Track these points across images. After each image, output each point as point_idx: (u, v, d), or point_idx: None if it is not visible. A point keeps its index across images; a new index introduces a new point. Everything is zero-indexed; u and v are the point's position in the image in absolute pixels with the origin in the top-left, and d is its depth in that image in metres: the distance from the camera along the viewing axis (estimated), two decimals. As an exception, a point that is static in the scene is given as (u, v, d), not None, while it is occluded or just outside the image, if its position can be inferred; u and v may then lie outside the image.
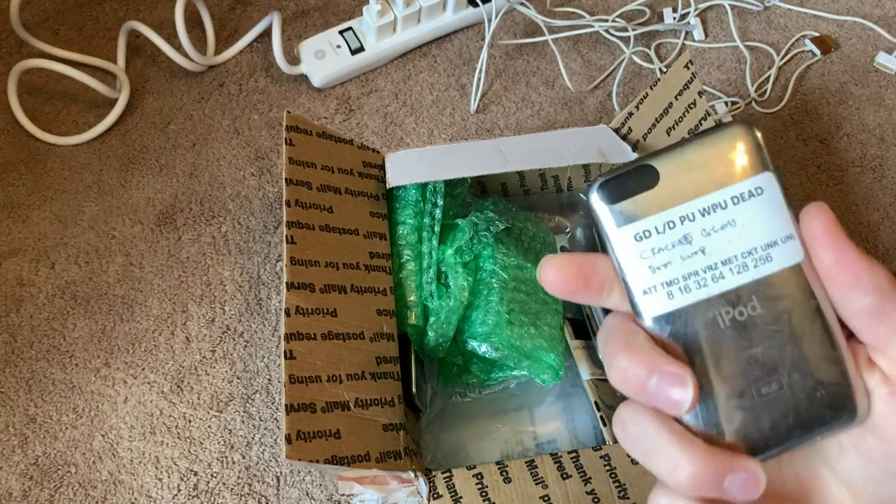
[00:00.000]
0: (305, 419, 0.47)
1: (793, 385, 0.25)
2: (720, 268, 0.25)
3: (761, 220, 0.25)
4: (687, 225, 0.25)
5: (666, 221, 0.25)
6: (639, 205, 0.26)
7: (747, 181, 0.25)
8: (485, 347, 0.58)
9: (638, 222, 0.25)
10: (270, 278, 0.70)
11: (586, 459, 0.51)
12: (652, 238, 0.25)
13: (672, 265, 0.25)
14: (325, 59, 0.79)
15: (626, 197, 0.26)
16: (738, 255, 0.25)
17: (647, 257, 0.25)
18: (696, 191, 0.25)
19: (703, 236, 0.25)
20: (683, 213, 0.25)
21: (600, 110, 0.80)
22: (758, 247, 0.25)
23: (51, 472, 0.61)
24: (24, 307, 0.68)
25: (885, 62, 0.83)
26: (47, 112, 0.78)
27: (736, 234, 0.25)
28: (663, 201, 0.25)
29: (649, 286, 0.26)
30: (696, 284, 0.25)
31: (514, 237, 0.65)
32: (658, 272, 0.25)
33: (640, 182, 0.26)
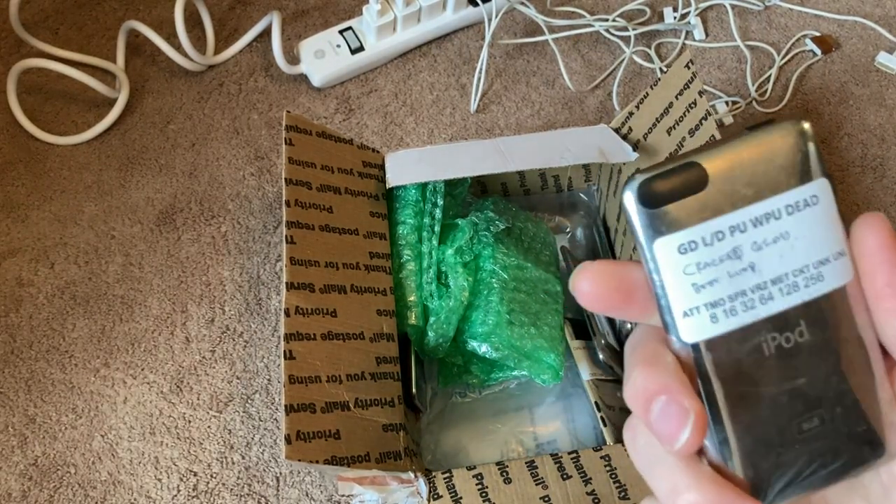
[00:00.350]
0: (305, 419, 0.47)
1: (835, 420, 0.23)
2: (769, 287, 0.22)
3: (816, 234, 0.22)
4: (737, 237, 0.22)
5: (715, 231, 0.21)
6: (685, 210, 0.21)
7: (803, 188, 0.22)
8: (485, 347, 0.58)
9: (683, 231, 0.21)
10: (270, 278, 0.69)
11: (587, 460, 0.50)
12: (698, 251, 0.22)
13: (719, 283, 0.22)
14: (325, 58, 0.79)
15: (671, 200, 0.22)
16: (788, 272, 0.22)
17: (692, 273, 0.22)
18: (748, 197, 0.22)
19: (754, 250, 0.22)
20: (734, 223, 0.21)
21: (600, 110, 0.80)
22: (810, 264, 0.22)
23: (50, 473, 0.61)
24: (23, 307, 0.68)
25: (885, 62, 0.83)
26: (47, 112, 0.78)
27: (788, 248, 0.22)
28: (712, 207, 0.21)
29: (691, 307, 0.22)
30: (742, 306, 0.22)
31: (515, 237, 0.65)
32: (703, 291, 0.22)
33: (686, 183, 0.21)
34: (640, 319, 0.24)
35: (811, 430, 0.23)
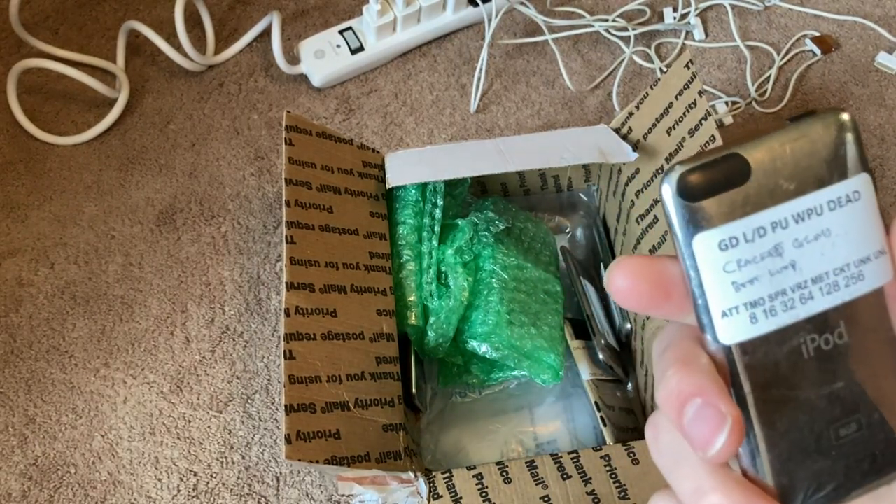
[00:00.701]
0: (305, 419, 0.47)
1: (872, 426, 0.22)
2: (810, 286, 0.21)
3: (857, 231, 0.21)
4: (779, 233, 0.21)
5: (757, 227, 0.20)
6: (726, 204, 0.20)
7: (845, 183, 0.21)
8: (485, 347, 0.58)
9: (725, 226, 0.20)
10: (270, 278, 0.70)
11: (587, 460, 0.50)
12: (739, 247, 0.21)
13: (759, 282, 0.21)
14: (325, 58, 0.79)
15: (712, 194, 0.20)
16: (829, 271, 0.21)
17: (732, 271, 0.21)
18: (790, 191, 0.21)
19: (795, 247, 0.21)
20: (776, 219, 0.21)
21: (600, 110, 0.80)
22: (851, 263, 0.21)
23: (50, 473, 0.61)
24: (23, 307, 0.68)
25: (885, 62, 0.83)
26: (47, 112, 0.78)
27: (830, 246, 0.21)
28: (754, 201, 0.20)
29: (731, 307, 0.21)
30: (782, 306, 0.21)
31: (515, 237, 0.65)
32: (743, 290, 0.21)
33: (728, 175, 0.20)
34: (676, 318, 0.23)
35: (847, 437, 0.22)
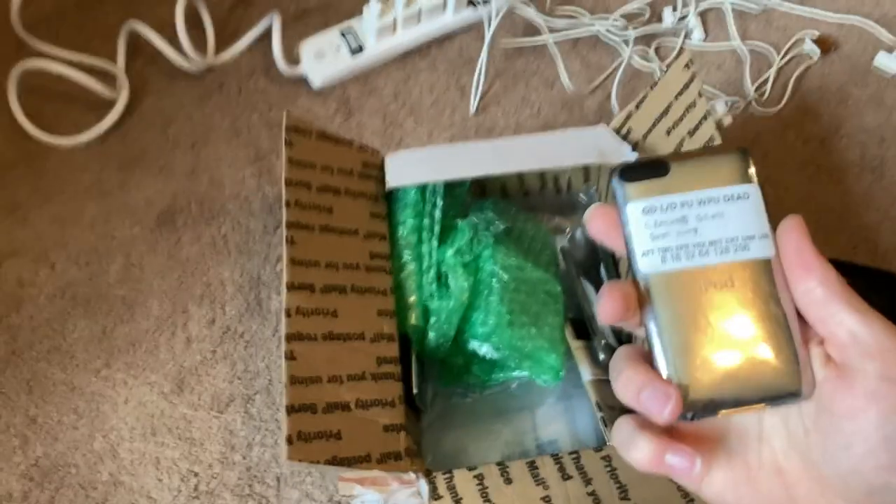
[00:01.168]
0: (306, 420, 0.47)
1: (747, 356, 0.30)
2: (707, 246, 0.31)
3: (744, 218, 0.31)
4: (685, 209, 0.31)
5: (669, 203, 0.31)
6: (650, 187, 0.31)
7: (738, 187, 0.31)
8: (485, 348, 0.58)
9: (648, 199, 0.31)
10: (270, 279, 0.70)
11: (587, 460, 0.51)
12: (656, 213, 0.31)
13: (669, 236, 0.31)
14: (325, 59, 0.79)
15: (642, 179, 0.31)
16: (722, 239, 0.30)
17: (650, 227, 0.31)
18: (696, 185, 0.31)
19: (697, 220, 0.31)
20: (684, 200, 0.31)
21: (600, 111, 0.80)
22: (739, 237, 0.30)
23: (51, 473, 0.61)
24: (24, 308, 0.68)
25: (884, 62, 0.83)
26: (47, 113, 0.78)
27: (723, 223, 0.31)
28: (670, 188, 0.31)
29: (648, 249, 0.31)
30: (685, 255, 0.31)
31: (514, 238, 0.65)
32: (657, 240, 0.31)
33: (653, 171, 0.31)
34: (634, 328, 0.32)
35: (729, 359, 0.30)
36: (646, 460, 0.30)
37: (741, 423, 0.32)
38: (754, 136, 0.79)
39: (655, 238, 0.31)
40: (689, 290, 0.31)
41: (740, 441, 0.32)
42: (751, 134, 0.79)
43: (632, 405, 0.30)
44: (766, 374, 0.30)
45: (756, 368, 0.30)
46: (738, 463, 0.32)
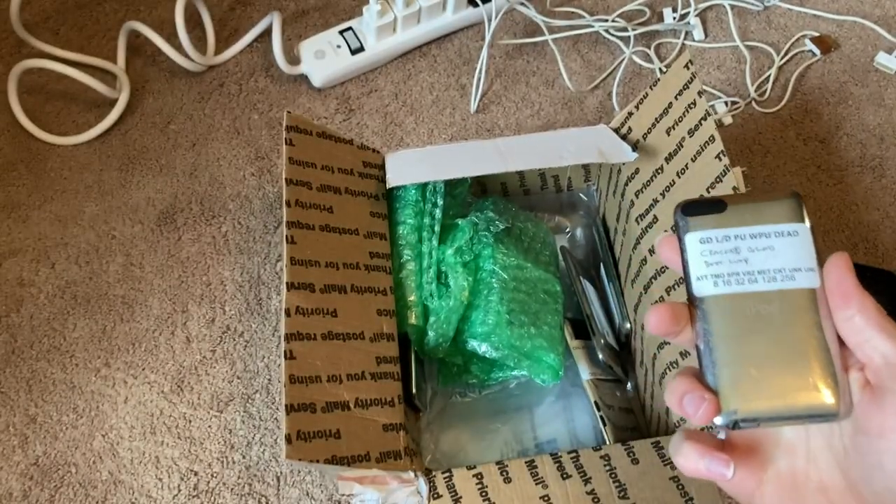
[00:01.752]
0: (305, 419, 0.47)
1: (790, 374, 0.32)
2: (756, 275, 0.34)
3: (793, 252, 0.33)
4: (738, 241, 0.34)
5: (724, 235, 0.34)
6: (707, 221, 0.35)
7: (788, 224, 0.34)
8: (485, 347, 0.58)
9: (705, 231, 0.35)
10: (270, 278, 0.70)
11: (586, 459, 0.51)
12: (712, 243, 0.34)
13: (722, 264, 0.34)
14: (325, 59, 0.79)
15: (700, 214, 0.35)
16: (770, 269, 0.33)
17: (706, 255, 0.34)
18: (750, 222, 0.34)
19: (748, 251, 0.34)
20: (738, 233, 0.34)
21: (600, 110, 0.80)
22: (786, 268, 0.33)
23: (51, 472, 0.61)
24: (24, 307, 0.68)
25: (884, 62, 0.83)
26: (47, 112, 0.78)
27: (772, 255, 0.34)
28: (725, 222, 0.35)
29: (702, 274, 0.34)
30: (736, 281, 0.34)
31: (514, 237, 0.65)
32: (710, 266, 0.34)
33: (712, 207, 0.35)
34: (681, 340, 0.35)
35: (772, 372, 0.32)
36: (687, 464, 0.34)
37: (790, 442, 0.34)
38: (754, 135, 0.79)
39: (710, 265, 0.34)
40: (738, 313, 0.33)
41: (789, 459, 0.34)
42: (751, 134, 0.79)
43: (676, 410, 0.33)
44: (806, 392, 0.32)
45: (796, 386, 0.32)
46: (786, 479, 0.34)
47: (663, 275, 0.57)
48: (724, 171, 0.53)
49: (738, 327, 0.33)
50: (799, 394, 0.32)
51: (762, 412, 0.32)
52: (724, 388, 0.33)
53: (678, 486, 0.50)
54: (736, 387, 0.33)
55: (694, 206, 0.35)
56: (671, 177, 0.58)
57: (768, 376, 0.32)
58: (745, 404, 0.32)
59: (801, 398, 0.32)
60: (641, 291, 0.60)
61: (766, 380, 0.32)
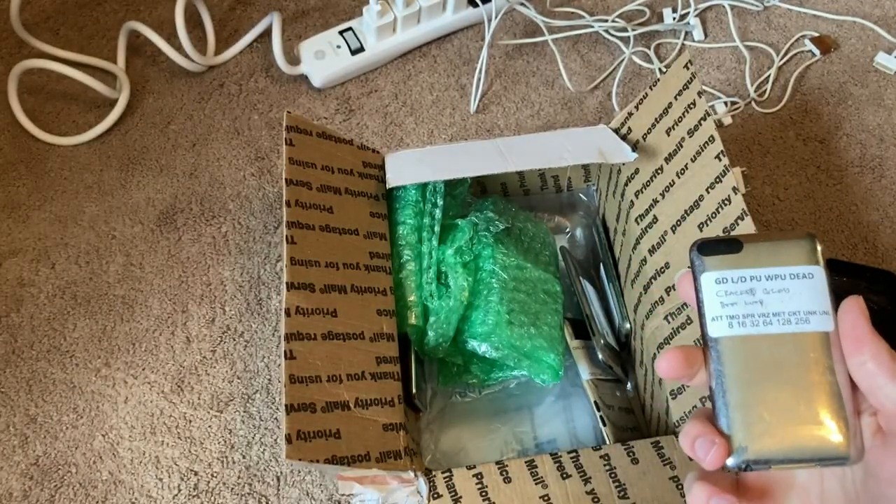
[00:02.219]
0: (305, 419, 0.47)
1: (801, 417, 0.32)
2: (770, 317, 0.33)
3: (808, 294, 0.33)
4: (753, 282, 0.34)
5: (740, 276, 0.34)
6: (723, 261, 0.35)
7: (804, 267, 0.34)
8: (485, 347, 0.58)
9: (720, 271, 0.34)
10: (270, 278, 0.70)
11: (586, 459, 0.51)
12: (727, 284, 0.34)
13: (737, 305, 0.34)
14: (325, 59, 0.79)
15: (716, 253, 0.35)
16: (784, 312, 0.33)
17: (721, 296, 0.34)
18: (766, 263, 0.34)
19: (764, 293, 0.34)
20: (753, 275, 0.34)
21: (600, 110, 0.80)
22: (801, 311, 0.33)
23: (51, 472, 0.61)
24: (24, 307, 0.68)
25: (884, 62, 0.83)
26: (47, 112, 0.78)
27: (787, 297, 0.34)
28: (741, 263, 0.34)
29: (717, 315, 0.34)
30: (751, 323, 0.34)
31: (514, 237, 0.65)
32: (725, 307, 0.34)
33: (728, 247, 0.35)
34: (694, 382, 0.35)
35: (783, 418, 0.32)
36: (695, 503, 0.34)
37: (804, 485, 0.35)
38: (754, 135, 0.79)
39: (724, 306, 0.34)
40: (752, 355, 0.33)
41: (803, 500, 0.34)
42: (751, 134, 0.79)
43: (689, 453, 0.34)
44: (818, 436, 0.32)
45: (808, 430, 0.32)
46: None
47: (663, 275, 0.57)
48: (724, 171, 0.53)
49: (751, 369, 0.33)
50: (810, 437, 0.32)
51: (773, 455, 0.32)
52: (736, 430, 0.33)
53: (678, 486, 0.50)
54: (748, 429, 0.33)
55: (710, 246, 0.35)
56: (671, 177, 0.58)
57: (780, 419, 0.32)
58: (757, 447, 0.32)
59: (812, 442, 0.32)
60: (641, 291, 0.60)
61: (778, 423, 0.32)
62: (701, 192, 0.54)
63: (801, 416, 0.32)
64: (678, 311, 0.55)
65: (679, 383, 0.54)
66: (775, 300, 0.34)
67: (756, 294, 0.34)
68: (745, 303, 0.34)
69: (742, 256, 0.35)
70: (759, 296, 0.34)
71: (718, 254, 0.35)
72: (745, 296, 0.34)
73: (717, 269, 0.35)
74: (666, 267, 0.56)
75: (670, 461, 0.51)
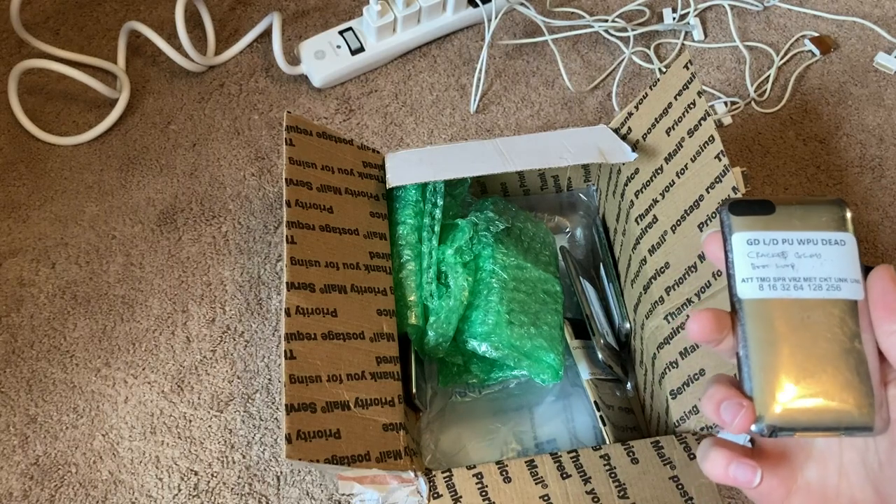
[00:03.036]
0: (306, 419, 0.47)
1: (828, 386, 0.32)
2: (802, 282, 0.33)
3: (839, 261, 0.33)
4: (786, 246, 0.34)
5: (772, 238, 0.34)
6: (755, 222, 0.34)
7: (837, 233, 0.33)
8: (485, 347, 0.58)
9: (753, 232, 0.34)
10: (271, 278, 0.70)
11: (586, 459, 0.51)
12: (759, 245, 0.34)
13: (768, 268, 0.33)
14: (325, 59, 0.79)
15: (749, 214, 0.34)
16: (816, 277, 0.33)
17: (752, 257, 0.34)
18: (799, 226, 0.34)
19: (796, 257, 0.33)
20: (786, 237, 0.34)
21: (600, 110, 0.80)
22: (832, 277, 0.33)
23: (51, 472, 0.61)
24: (24, 307, 0.68)
25: (884, 62, 0.83)
26: (48, 112, 0.78)
27: (819, 263, 0.33)
28: (774, 225, 0.34)
29: (748, 276, 0.33)
30: (782, 286, 0.33)
31: (514, 237, 0.65)
32: (757, 269, 0.33)
33: (760, 208, 0.34)
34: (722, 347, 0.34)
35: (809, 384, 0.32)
36: (714, 470, 0.34)
37: (822, 453, 0.34)
38: (754, 135, 0.79)
39: (756, 268, 0.34)
40: (781, 319, 0.33)
41: (820, 470, 0.34)
42: (751, 134, 0.79)
43: (713, 418, 0.33)
44: (842, 405, 0.32)
45: (833, 398, 0.32)
46: (816, 492, 0.34)
47: (663, 275, 0.57)
48: (724, 171, 0.53)
49: (779, 335, 0.33)
50: (836, 406, 0.32)
51: (798, 422, 0.32)
52: (760, 395, 0.32)
53: (678, 485, 0.50)
54: (773, 395, 0.32)
55: (741, 206, 0.34)
56: (671, 177, 0.58)
57: (807, 387, 0.32)
58: (782, 414, 0.32)
59: (837, 411, 0.32)
60: (641, 291, 0.60)
61: (804, 390, 0.32)
62: (701, 192, 0.54)
63: (828, 384, 0.32)
64: (678, 310, 0.55)
65: (679, 383, 0.54)
66: (807, 265, 0.33)
67: (788, 258, 0.33)
68: (777, 266, 0.33)
69: (774, 219, 0.34)
70: (791, 259, 0.33)
71: (750, 214, 0.34)
72: (777, 258, 0.33)
73: (749, 229, 0.34)
74: (666, 267, 0.56)
75: (670, 461, 0.51)
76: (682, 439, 0.52)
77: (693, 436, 0.52)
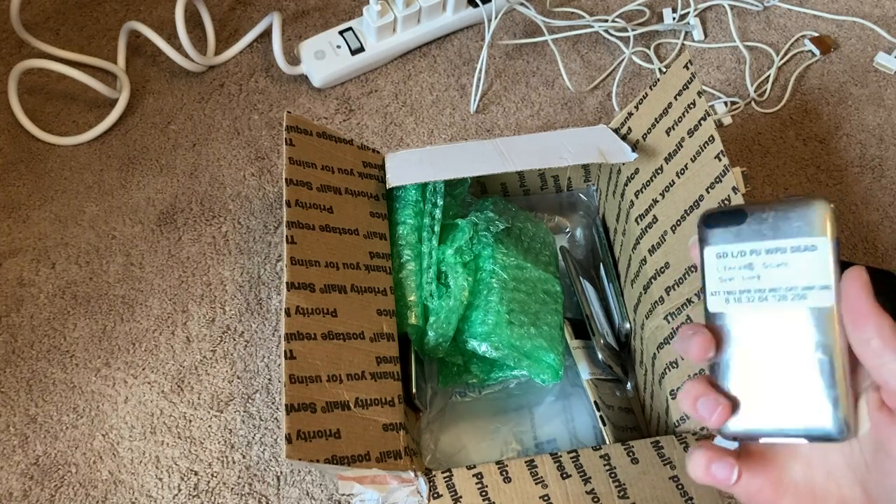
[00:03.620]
0: (306, 419, 0.47)
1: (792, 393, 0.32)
2: (766, 293, 0.33)
3: (807, 269, 0.32)
4: (753, 257, 0.34)
5: (740, 250, 0.34)
6: (726, 234, 0.34)
7: (807, 239, 0.33)
8: (485, 347, 0.58)
9: (722, 246, 0.34)
10: (271, 278, 0.70)
11: (586, 459, 0.51)
12: (727, 259, 0.34)
13: (734, 281, 0.34)
14: (325, 59, 0.79)
15: (720, 226, 0.34)
16: (781, 287, 0.33)
17: (720, 271, 0.34)
18: (768, 235, 0.33)
19: (763, 268, 0.33)
20: (755, 248, 0.34)
21: (600, 110, 0.80)
22: (798, 286, 0.33)
23: (51, 472, 0.61)
24: (24, 307, 0.68)
25: (884, 62, 0.83)
26: (48, 112, 0.78)
27: (786, 273, 0.33)
28: (744, 236, 0.34)
29: (716, 290, 0.34)
30: (747, 299, 0.34)
31: (514, 237, 0.65)
32: (724, 283, 0.34)
33: (732, 219, 0.34)
34: None
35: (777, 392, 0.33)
36: (697, 471, 0.34)
37: (806, 455, 0.34)
38: (754, 135, 0.79)
39: (723, 281, 0.34)
40: (746, 330, 0.34)
41: (806, 471, 0.34)
42: (751, 134, 0.79)
43: (690, 413, 0.34)
44: (806, 412, 0.32)
45: (796, 406, 0.32)
46: (805, 492, 0.34)
47: (663, 275, 0.57)
48: (724, 171, 0.53)
49: (744, 345, 0.34)
50: (798, 414, 0.32)
51: (760, 429, 0.33)
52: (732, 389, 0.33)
53: (678, 485, 0.50)
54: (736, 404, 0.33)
55: (715, 217, 0.35)
56: (671, 177, 0.58)
57: (770, 395, 0.33)
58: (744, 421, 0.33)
59: (800, 418, 0.32)
60: (641, 291, 0.60)
61: (767, 398, 0.33)
62: (701, 192, 0.54)
63: (790, 391, 0.32)
64: (678, 310, 0.55)
65: (679, 383, 0.54)
66: (773, 275, 0.33)
67: (755, 269, 0.34)
68: (743, 278, 0.34)
69: (744, 229, 0.34)
70: (758, 270, 0.33)
71: (722, 226, 0.34)
72: (744, 270, 0.34)
73: (718, 242, 0.34)
74: (666, 267, 0.56)
75: (670, 461, 0.51)
76: (682, 439, 0.52)
77: (693, 436, 0.52)
